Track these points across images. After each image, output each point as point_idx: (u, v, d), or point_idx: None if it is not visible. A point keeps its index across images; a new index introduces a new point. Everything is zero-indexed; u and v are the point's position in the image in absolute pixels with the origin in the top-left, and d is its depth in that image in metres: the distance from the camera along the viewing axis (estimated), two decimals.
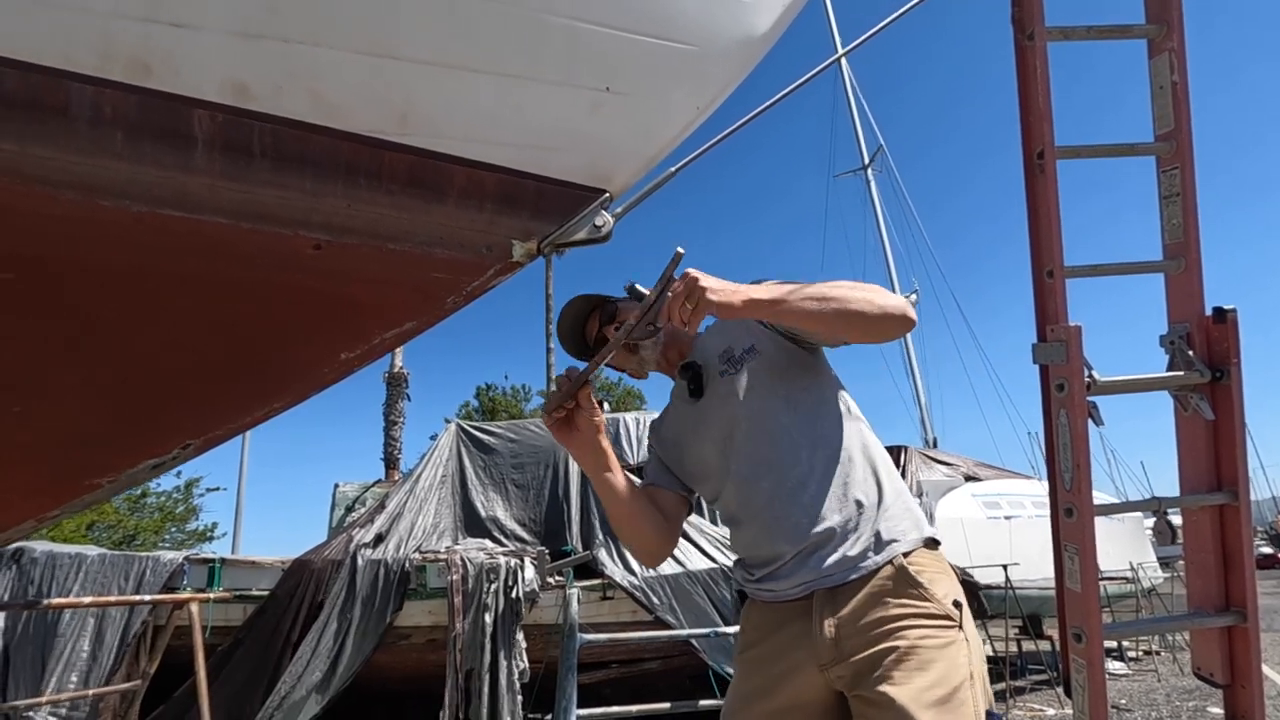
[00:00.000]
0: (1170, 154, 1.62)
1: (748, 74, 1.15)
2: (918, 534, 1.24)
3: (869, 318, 1.17)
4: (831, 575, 1.19)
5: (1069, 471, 1.50)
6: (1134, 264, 1.67)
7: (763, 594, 1.29)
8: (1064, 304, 1.57)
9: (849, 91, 18.32)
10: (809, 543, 1.21)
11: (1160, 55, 1.63)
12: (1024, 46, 1.64)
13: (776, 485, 1.25)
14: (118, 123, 0.75)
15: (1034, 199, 1.64)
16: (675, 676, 5.19)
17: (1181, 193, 1.60)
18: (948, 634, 1.15)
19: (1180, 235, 1.61)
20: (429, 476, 5.52)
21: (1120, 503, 1.61)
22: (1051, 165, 1.59)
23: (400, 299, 0.93)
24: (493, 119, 0.91)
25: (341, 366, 0.93)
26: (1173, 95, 1.61)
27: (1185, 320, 1.60)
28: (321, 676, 3.96)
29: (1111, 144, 1.66)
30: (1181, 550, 1.52)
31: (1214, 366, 1.54)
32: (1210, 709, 6.24)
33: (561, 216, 1.00)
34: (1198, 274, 1.60)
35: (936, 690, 1.08)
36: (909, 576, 1.18)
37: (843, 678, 1.16)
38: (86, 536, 13.84)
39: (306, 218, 0.84)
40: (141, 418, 0.82)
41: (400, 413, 9.99)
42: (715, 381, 1.36)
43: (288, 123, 0.81)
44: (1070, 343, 1.49)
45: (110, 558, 4.56)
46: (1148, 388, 1.57)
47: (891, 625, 1.15)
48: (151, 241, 0.78)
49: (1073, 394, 1.48)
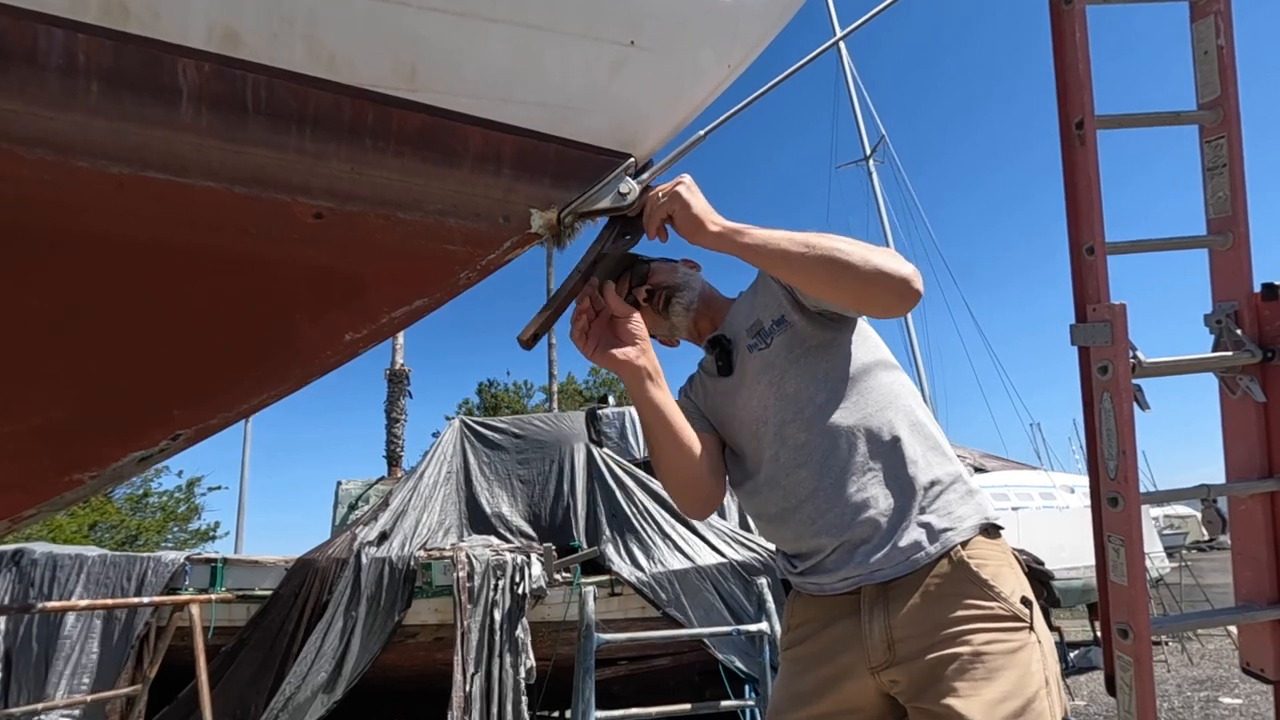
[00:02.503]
0: (1216, 123, 1.54)
1: (779, 31, 1.06)
2: (976, 520, 1.13)
3: (859, 274, 1.03)
4: (881, 570, 1.08)
5: (1114, 459, 1.42)
6: (1178, 239, 1.59)
7: (808, 586, 1.19)
8: (1106, 282, 1.49)
9: (850, 82, 18.16)
10: (853, 534, 1.10)
11: (1204, 19, 1.55)
12: (1061, 11, 1.55)
13: (816, 474, 1.14)
14: (93, 72, 0.66)
15: (1072, 171, 1.56)
16: (686, 673, 5.12)
17: (1228, 163, 1.52)
18: (1017, 636, 1.04)
19: (1226, 209, 1.53)
20: (433, 473, 5.45)
21: (1167, 491, 1.53)
22: (1091, 135, 1.50)
23: (410, 274, 0.85)
24: (510, 74, 0.83)
25: (346, 348, 0.85)
26: (1219, 60, 1.52)
27: (1233, 298, 1.52)
28: (327, 677, 3.89)
29: (1154, 113, 1.57)
30: (1184, 541, 1.44)
31: (1265, 346, 1.46)
32: (1223, 699, 6.18)
33: (584, 183, 0.92)
34: (1246, 249, 1.52)
35: (1010, 703, 0.98)
36: (970, 572, 1.07)
37: (897, 683, 1.06)
38: (88, 537, 13.81)
39: (306, 182, 0.76)
40: (126, 405, 0.74)
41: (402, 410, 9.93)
42: (745, 358, 1.25)
43: (284, 74, 0.73)
44: (1115, 322, 1.41)
45: (111, 558, 4.49)
46: (1196, 369, 1.49)
47: (953, 629, 1.03)
48: (134, 208, 0.70)
49: (1118, 377, 1.40)
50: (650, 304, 1.36)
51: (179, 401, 0.77)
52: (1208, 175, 1.56)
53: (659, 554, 4.77)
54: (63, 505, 0.77)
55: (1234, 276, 1.52)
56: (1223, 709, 5.86)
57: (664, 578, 4.59)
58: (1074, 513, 8.34)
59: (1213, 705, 5.99)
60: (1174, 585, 9.39)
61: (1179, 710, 5.92)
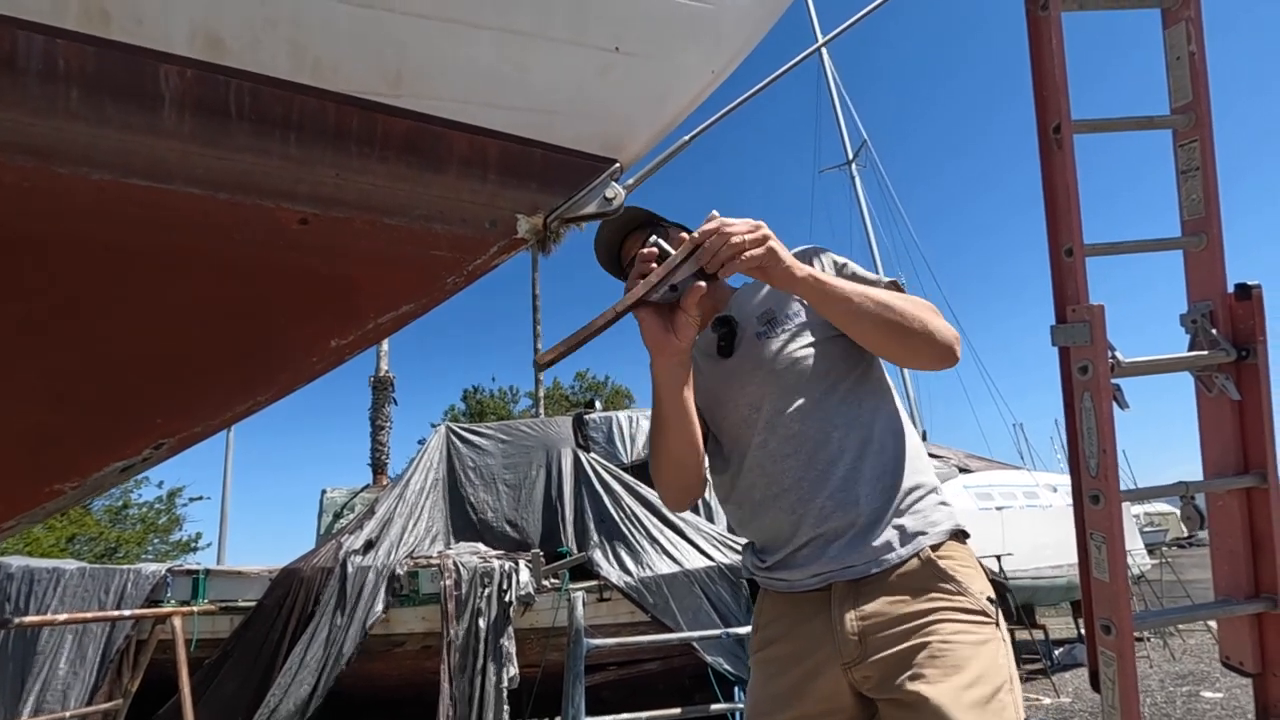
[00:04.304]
0: (1188, 127, 1.57)
1: (763, 36, 1.07)
2: (947, 525, 1.15)
3: (915, 337, 1.10)
4: (852, 567, 1.10)
5: (1094, 457, 1.44)
6: (1154, 241, 1.62)
7: (775, 583, 1.20)
8: (1085, 283, 1.51)
9: (831, 87, 18.33)
10: (830, 529, 1.12)
11: (1176, 25, 1.58)
12: (1037, 18, 1.58)
13: (804, 465, 1.15)
14: (73, 78, 0.66)
15: (1051, 175, 1.59)
16: (675, 676, 5.12)
17: (1201, 166, 1.55)
18: (984, 630, 1.06)
19: (1200, 210, 1.56)
20: (419, 480, 5.41)
21: (1147, 488, 1.56)
22: (1069, 139, 1.53)
23: (397, 279, 0.85)
24: (496, 80, 0.83)
25: (332, 355, 0.84)
26: (1190, 66, 1.56)
27: (1208, 298, 1.55)
28: (311, 688, 3.84)
29: (1128, 117, 1.61)
30: (1164, 538, 1.47)
31: (1239, 345, 1.49)
32: (1205, 694, 6.27)
33: (569, 188, 0.92)
34: (1219, 250, 1.55)
35: (977, 689, 0.99)
36: (939, 570, 1.09)
37: (869, 678, 1.06)
38: (66, 550, 13.53)
39: (291, 188, 0.76)
40: (108, 414, 0.73)
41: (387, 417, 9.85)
42: (749, 343, 1.25)
43: (268, 80, 0.72)
44: (1094, 323, 1.43)
45: (90, 571, 4.41)
46: (1173, 368, 1.52)
47: (922, 620, 1.05)
48: (116, 214, 0.69)
49: (1097, 376, 1.42)
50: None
51: (162, 409, 0.76)
52: (1181, 178, 1.60)
53: (647, 558, 4.76)
54: (43, 516, 0.76)
55: (1209, 277, 1.55)
56: (1205, 703, 5.94)
57: (652, 582, 4.59)
58: (1057, 511, 8.44)
59: (1195, 700, 6.08)
60: (1155, 582, 9.52)
61: (1162, 705, 5.99)
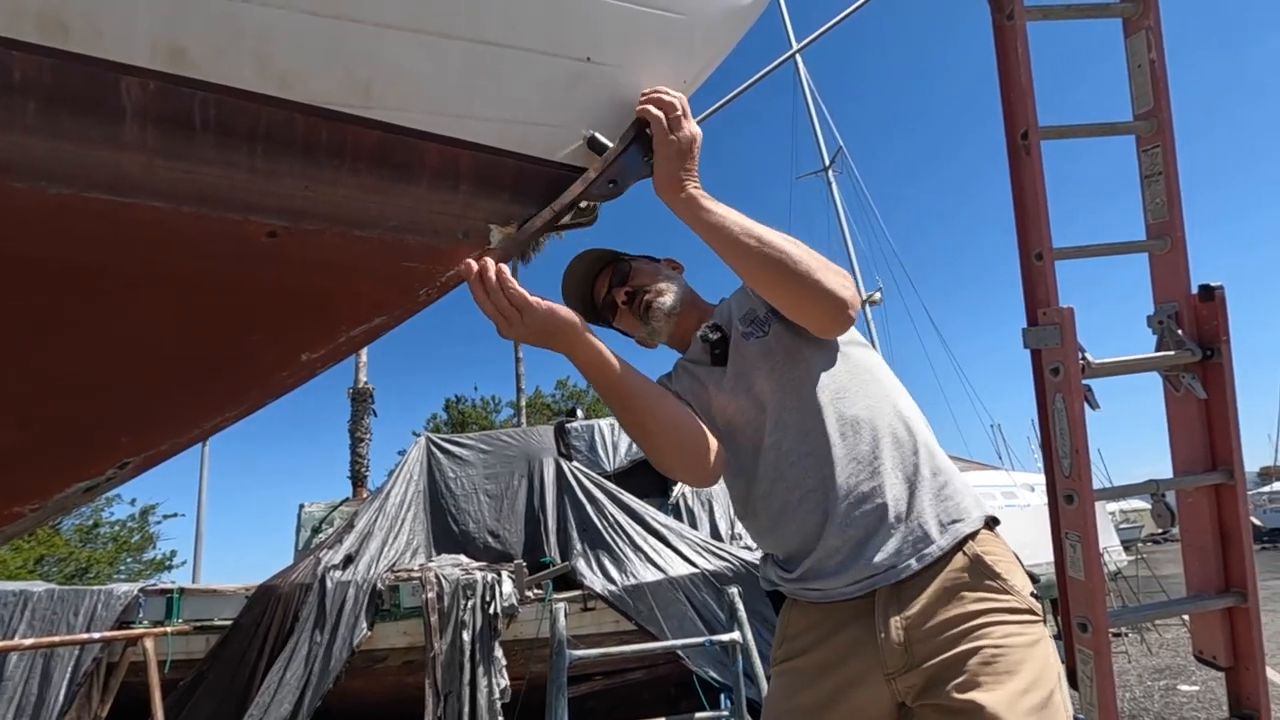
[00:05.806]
0: (1150, 132, 1.61)
1: (733, 47, 1.08)
2: (979, 512, 1.11)
3: (802, 283, 1.03)
4: (893, 568, 1.04)
5: (1067, 457, 1.46)
6: (1121, 244, 1.65)
7: (808, 594, 1.12)
8: (1054, 287, 1.54)
9: (807, 93, 18.54)
10: (860, 531, 1.07)
11: (1137, 33, 1.62)
12: (1003, 27, 1.61)
13: (822, 462, 1.10)
14: (30, 91, 0.64)
15: (1019, 181, 1.62)
16: (660, 685, 5.09)
17: (1164, 171, 1.59)
18: (1034, 630, 1.03)
19: (1164, 214, 1.60)
20: (399, 492, 5.34)
21: (1119, 487, 1.59)
22: (1036, 146, 1.56)
23: (368, 291, 0.84)
24: (467, 90, 0.82)
25: (303, 369, 0.83)
26: (1151, 73, 1.60)
27: (1173, 300, 1.58)
28: (291, 708, 3.77)
29: (1093, 124, 1.64)
30: (1139, 534, 1.50)
31: (1204, 345, 1.52)
32: (1181, 687, 6.37)
33: (543, 198, 0.92)
34: (1183, 252, 1.59)
35: (1032, 695, 0.95)
36: (985, 566, 1.05)
37: (913, 687, 1.02)
38: (35, 572, 13.17)
39: (259, 201, 0.74)
40: (69, 434, 0.71)
41: (366, 429, 9.75)
42: (739, 346, 1.21)
43: (233, 92, 0.71)
44: (1064, 325, 1.46)
45: (59, 593, 4.30)
46: (1141, 368, 1.55)
47: (972, 623, 1.01)
48: (77, 229, 0.68)
49: (1069, 378, 1.45)
50: (630, 307, 1.31)
51: (126, 428, 0.75)
52: (1145, 183, 1.63)
53: (631, 566, 4.74)
54: (3, 540, 0.74)
55: (1173, 279, 1.59)
56: (1181, 696, 6.04)
57: (637, 590, 4.57)
58: (1035, 511, 8.55)
59: (1172, 693, 6.18)
60: (1131, 578, 9.68)
61: (1140, 699, 6.08)
